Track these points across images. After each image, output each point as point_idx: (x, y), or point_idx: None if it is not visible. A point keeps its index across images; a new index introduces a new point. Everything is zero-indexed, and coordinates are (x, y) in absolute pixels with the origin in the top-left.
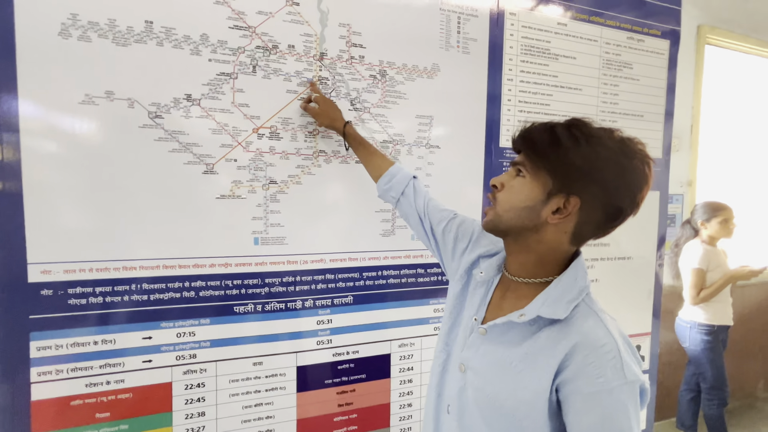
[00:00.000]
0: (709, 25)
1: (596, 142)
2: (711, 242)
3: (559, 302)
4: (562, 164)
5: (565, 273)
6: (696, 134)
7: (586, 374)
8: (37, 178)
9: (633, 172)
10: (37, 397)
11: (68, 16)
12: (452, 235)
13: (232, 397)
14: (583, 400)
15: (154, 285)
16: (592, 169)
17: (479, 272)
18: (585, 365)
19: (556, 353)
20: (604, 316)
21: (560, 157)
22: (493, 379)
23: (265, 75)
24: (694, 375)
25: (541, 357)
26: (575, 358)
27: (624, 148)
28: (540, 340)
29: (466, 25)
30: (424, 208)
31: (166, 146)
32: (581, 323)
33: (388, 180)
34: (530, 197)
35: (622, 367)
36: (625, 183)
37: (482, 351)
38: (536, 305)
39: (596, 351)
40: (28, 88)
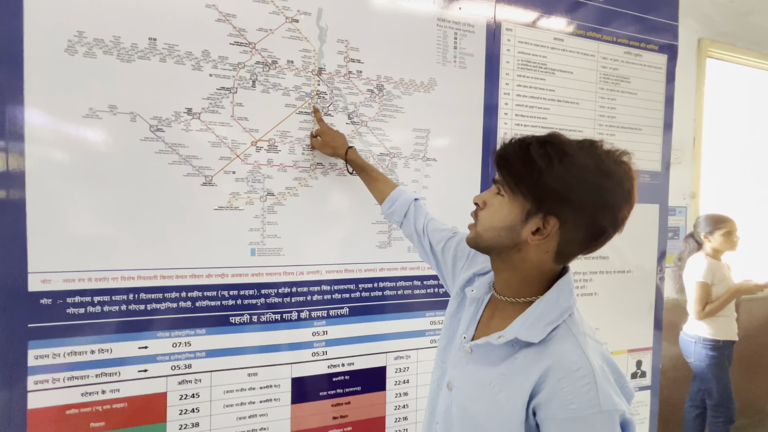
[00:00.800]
0: (710, 39)
1: (570, 161)
2: (715, 255)
3: (537, 324)
4: (536, 186)
5: (546, 294)
6: (698, 146)
7: (559, 399)
8: (40, 188)
9: (611, 191)
10: (34, 405)
11: (75, 33)
12: (451, 253)
13: (226, 408)
14: (556, 426)
15: (151, 294)
16: (567, 190)
17: (471, 290)
18: (557, 389)
19: (530, 375)
20: (584, 340)
21: (534, 178)
22: (474, 398)
23: (265, 89)
24: (700, 391)
25: (517, 378)
26: (549, 381)
27: (602, 165)
28: (517, 361)
29: (462, 41)
30: (424, 228)
31: (167, 158)
32: (558, 346)
33: (391, 204)
34: (509, 217)
35: (597, 394)
36: (603, 202)
37: (467, 370)
38: (515, 327)
39: (569, 375)
40: (34, 101)
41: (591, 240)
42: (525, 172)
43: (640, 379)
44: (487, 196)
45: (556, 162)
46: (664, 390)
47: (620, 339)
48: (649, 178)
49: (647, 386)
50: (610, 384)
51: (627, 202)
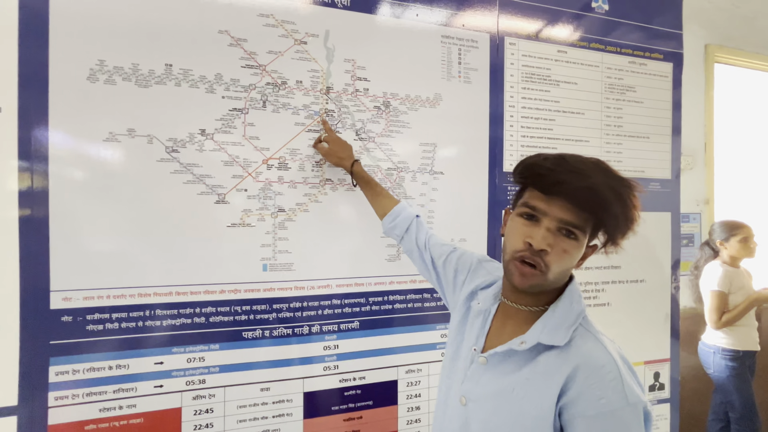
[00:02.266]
0: (717, 44)
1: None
2: (732, 263)
3: (559, 328)
4: (615, 224)
5: (560, 299)
6: (710, 152)
7: (588, 396)
8: (62, 207)
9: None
10: (54, 421)
11: (96, 62)
12: (452, 267)
13: (239, 423)
14: (586, 423)
15: (166, 311)
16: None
17: (476, 303)
18: (586, 387)
19: (557, 377)
20: (602, 338)
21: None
22: (496, 409)
23: (275, 109)
24: (722, 404)
25: (542, 381)
26: (577, 381)
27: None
28: (540, 365)
29: (466, 56)
30: (426, 242)
31: (181, 178)
32: (580, 345)
33: (393, 219)
34: (575, 258)
35: (623, 388)
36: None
37: (483, 381)
38: (536, 332)
39: (597, 372)
40: (58, 126)
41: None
42: (624, 223)
43: (659, 392)
44: (551, 239)
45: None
46: (685, 402)
47: (636, 350)
48: (660, 186)
49: (666, 399)
50: (632, 377)
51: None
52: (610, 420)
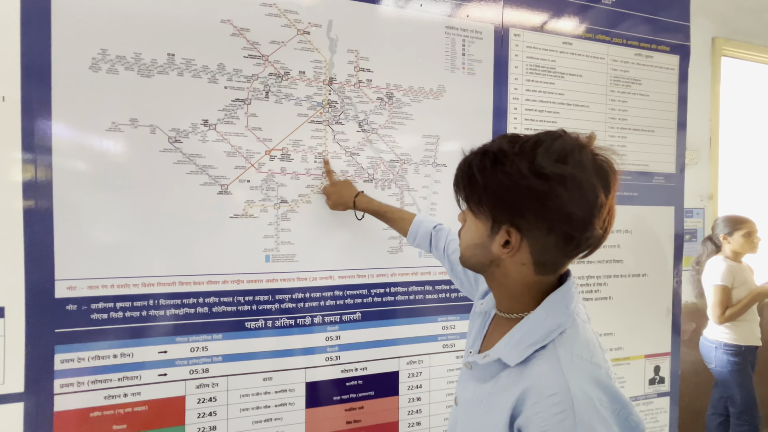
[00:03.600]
0: (724, 38)
1: (502, 170)
2: (735, 258)
3: (519, 345)
4: (481, 200)
5: (534, 311)
6: (715, 147)
7: (535, 424)
8: (66, 198)
9: (553, 194)
10: (60, 408)
11: (98, 51)
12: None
13: (242, 412)
14: None
15: (170, 300)
16: (503, 200)
17: (480, 303)
18: (533, 414)
19: (509, 396)
20: (569, 361)
21: (477, 193)
22: (470, 416)
23: (277, 100)
24: (722, 398)
25: (500, 399)
26: (526, 404)
27: (537, 168)
28: (500, 381)
29: (470, 47)
30: (444, 250)
31: (184, 168)
32: (534, 368)
33: (414, 238)
34: (477, 234)
35: (574, 424)
36: (548, 207)
37: (468, 386)
38: (500, 347)
39: (544, 400)
40: (61, 116)
41: (565, 246)
42: (470, 189)
43: (659, 385)
44: (465, 212)
45: (489, 173)
46: (685, 397)
47: (637, 344)
48: (664, 180)
49: (666, 392)
50: (595, 414)
51: (581, 201)
52: None
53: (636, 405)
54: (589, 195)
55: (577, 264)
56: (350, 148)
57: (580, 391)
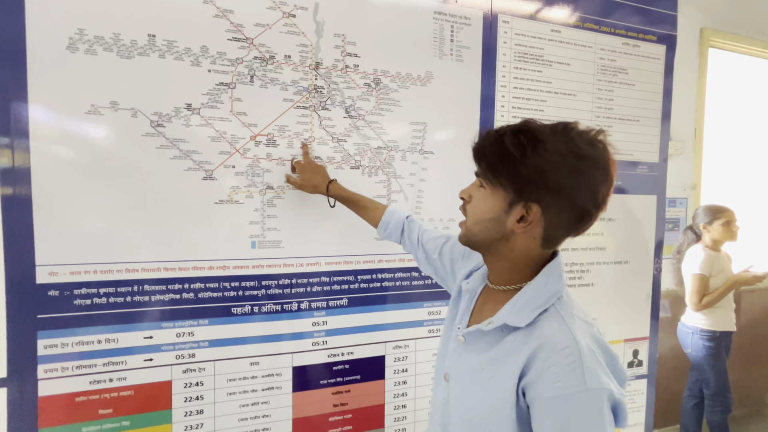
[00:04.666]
0: (712, 29)
1: (543, 148)
2: (714, 246)
3: (525, 309)
4: (513, 175)
5: (534, 279)
6: (700, 138)
7: (545, 378)
8: (45, 183)
9: (587, 173)
10: (44, 393)
11: (75, 30)
12: (447, 257)
13: (229, 396)
14: (543, 405)
15: (155, 286)
16: (543, 176)
17: (466, 283)
18: (544, 369)
19: (519, 357)
20: (571, 320)
21: (511, 168)
22: (469, 387)
23: (263, 84)
24: (697, 381)
25: (507, 362)
26: (536, 361)
27: (574, 148)
28: (506, 345)
29: (459, 33)
30: (419, 239)
31: (168, 153)
32: (544, 327)
33: (385, 228)
34: (493, 209)
35: (582, 373)
36: (581, 184)
37: (462, 359)
38: (504, 313)
39: (555, 355)
40: (38, 99)
41: (576, 222)
42: (501, 163)
43: (637, 368)
44: (471, 189)
45: (529, 150)
46: (663, 380)
47: (617, 329)
48: (647, 170)
49: (644, 375)
50: (598, 363)
51: (605, 181)
52: (566, 404)
53: None
54: (610, 176)
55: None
56: (337, 135)
57: (585, 344)
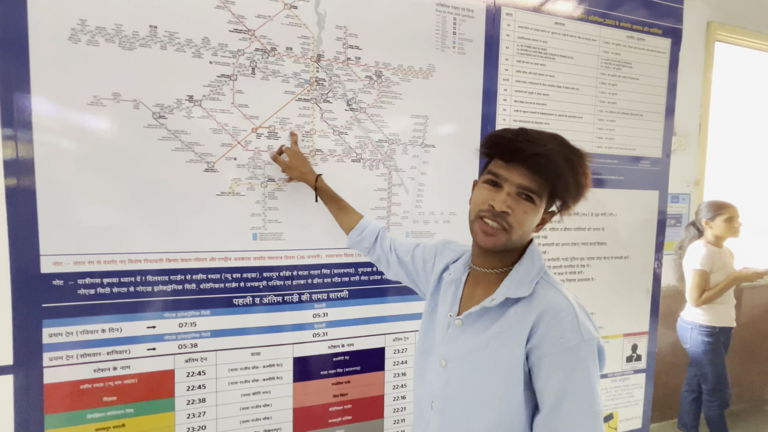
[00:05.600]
0: (719, 22)
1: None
2: (717, 242)
3: (523, 283)
4: (565, 197)
5: (523, 259)
6: (704, 133)
7: (551, 337)
8: (49, 174)
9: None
10: (50, 380)
11: (77, 21)
12: (420, 258)
13: (231, 385)
14: (549, 362)
15: (157, 277)
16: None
17: (448, 274)
18: (549, 329)
19: (524, 324)
20: (561, 287)
21: (580, 194)
22: (473, 366)
23: (264, 76)
24: (696, 376)
25: (512, 331)
26: (541, 325)
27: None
28: (509, 317)
29: (461, 26)
30: (391, 246)
31: (170, 145)
32: (543, 295)
33: (360, 232)
34: (535, 222)
35: (579, 327)
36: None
37: (460, 342)
38: (504, 289)
39: (557, 316)
40: (40, 90)
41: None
42: (575, 189)
43: (635, 363)
44: (511, 202)
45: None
46: (662, 374)
47: (616, 323)
48: (650, 165)
49: (642, 369)
50: (586, 317)
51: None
52: (570, 356)
53: (613, 381)
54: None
55: (562, 246)
56: (338, 127)
57: (576, 303)
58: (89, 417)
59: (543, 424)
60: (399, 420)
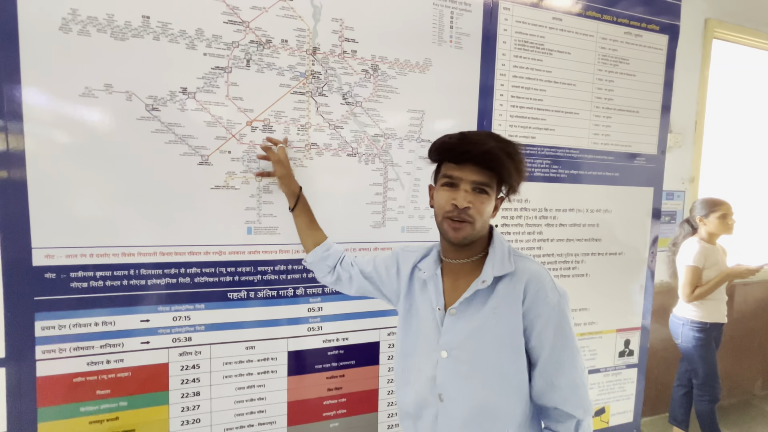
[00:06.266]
0: (717, 19)
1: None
2: (710, 239)
3: (504, 261)
4: (512, 184)
5: (494, 243)
6: (700, 130)
7: (539, 299)
8: (40, 166)
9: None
10: (42, 373)
11: (68, 11)
12: (382, 266)
13: (225, 379)
14: (542, 320)
15: (151, 270)
16: (520, 180)
17: (421, 272)
18: (536, 293)
19: (516, 293)
20: (531, 258)
21: (522, 178)
22: (478, 345)
23: (259, 69)
24: (687, 371)
25: (507, 303)
26: (529, 291)
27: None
28: (500, 293)
29: (459, 20)
30: (352, 262)
31: (163, 138)
32: (523, 267)
33: (326, 249)
34: (490, 209)
35: (555, 287)
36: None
37: (458, 329)
38: (489, 270)
39: (539, 281)
40: (31, 81)
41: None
42: (516, 174)
43: (628, 358)
44: (470, 197)
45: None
46: (654, 370)
47: (609, 319)
48: (645, 162)
49: (634, 364)
50: (554, 278)
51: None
52: (555, 311)
53: (605, 375)
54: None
55: (557, 242)
56: (333, 121)
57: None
58: (83, 410)
59: (540, 374)
60: (393, 414)
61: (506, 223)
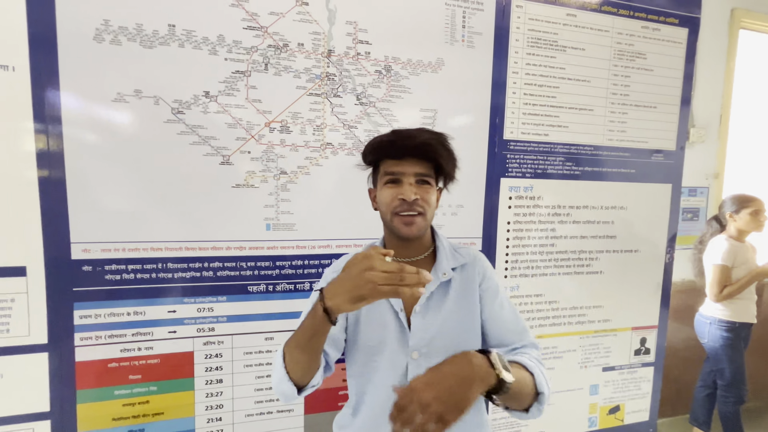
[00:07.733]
0: (745, 9)
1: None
2: (739, 237)
3: (454, 253)
4: (448, 173)
5: (439, 237)
6: (725, 124)
7: (488, 275)
8: (77, 166)
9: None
10: (80, 358)
11: (101, 22)
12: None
13: (246, 368)
14: (492, 288)
15: (177, 264)
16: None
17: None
18: (484, 272)
19: (473, 277)
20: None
21: (448, 160)
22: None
23: (277, 72)
24: (711, 372)
25: (468, 287)
26: (477, 269)
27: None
28: (458, 279)
29: (471, 19)
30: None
31: (188, 139)
32: (467, 252)
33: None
34: (435, 200)
35: (490, 264)
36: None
37: (427, 324)
38: (446, 263)
39: (481, 261)
40: (69, 87)
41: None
42: (451, 163)
43: (644, 356)
44: (416, 189)
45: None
46: (674, 370)
47: (625, 317)
48: (663, 157)
49: (651, 363)
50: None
51: None
52: (493, 280)
53: (620, 373)
54: None
55: (570, 239)
56: (348, 122)
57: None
58: (117, 393)
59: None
60: None
61: (518, 220)
